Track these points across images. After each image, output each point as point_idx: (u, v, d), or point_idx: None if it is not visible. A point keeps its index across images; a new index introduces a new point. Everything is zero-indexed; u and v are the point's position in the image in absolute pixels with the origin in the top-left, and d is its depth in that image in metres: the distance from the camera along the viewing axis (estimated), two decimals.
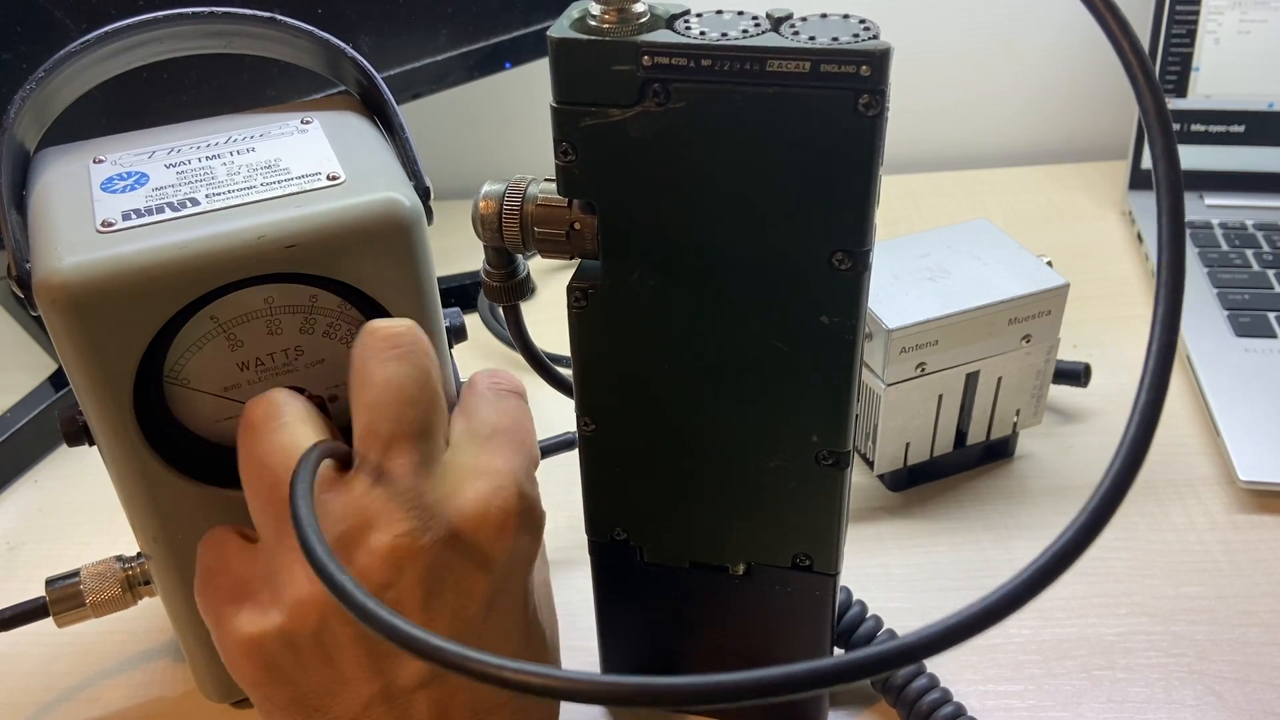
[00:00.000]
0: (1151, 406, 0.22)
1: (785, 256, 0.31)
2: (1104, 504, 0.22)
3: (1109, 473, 0.22)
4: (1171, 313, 0.23)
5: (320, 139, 0.37)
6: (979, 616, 0.22)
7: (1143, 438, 0.22)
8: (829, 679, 0.21)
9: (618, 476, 0.37)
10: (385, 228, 0.34)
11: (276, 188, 0.35)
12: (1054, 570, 0.22)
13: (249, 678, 0.32)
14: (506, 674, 0.22)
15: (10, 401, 0.59)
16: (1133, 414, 0.23)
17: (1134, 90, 0.23)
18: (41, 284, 0.32)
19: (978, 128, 0.85)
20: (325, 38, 0.39)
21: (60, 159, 0.37)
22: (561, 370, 0.41)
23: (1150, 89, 0.23)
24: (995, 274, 0.49)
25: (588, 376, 0.35)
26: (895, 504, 0.53)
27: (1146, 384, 0.23)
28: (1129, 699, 0.43)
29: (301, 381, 0.37)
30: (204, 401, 0.36)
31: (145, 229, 0.33)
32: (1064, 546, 0.22)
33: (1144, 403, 0.22)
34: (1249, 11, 0.70)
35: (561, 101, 0.30)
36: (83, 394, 0.34)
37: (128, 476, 0.36)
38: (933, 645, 0.21)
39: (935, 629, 0.22)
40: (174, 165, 0.36)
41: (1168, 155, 0.23)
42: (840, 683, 0.21)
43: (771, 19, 0.29)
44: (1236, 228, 0.69)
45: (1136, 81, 0.23)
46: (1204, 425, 0.56)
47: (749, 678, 0.21)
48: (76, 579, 0.41)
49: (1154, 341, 0.23)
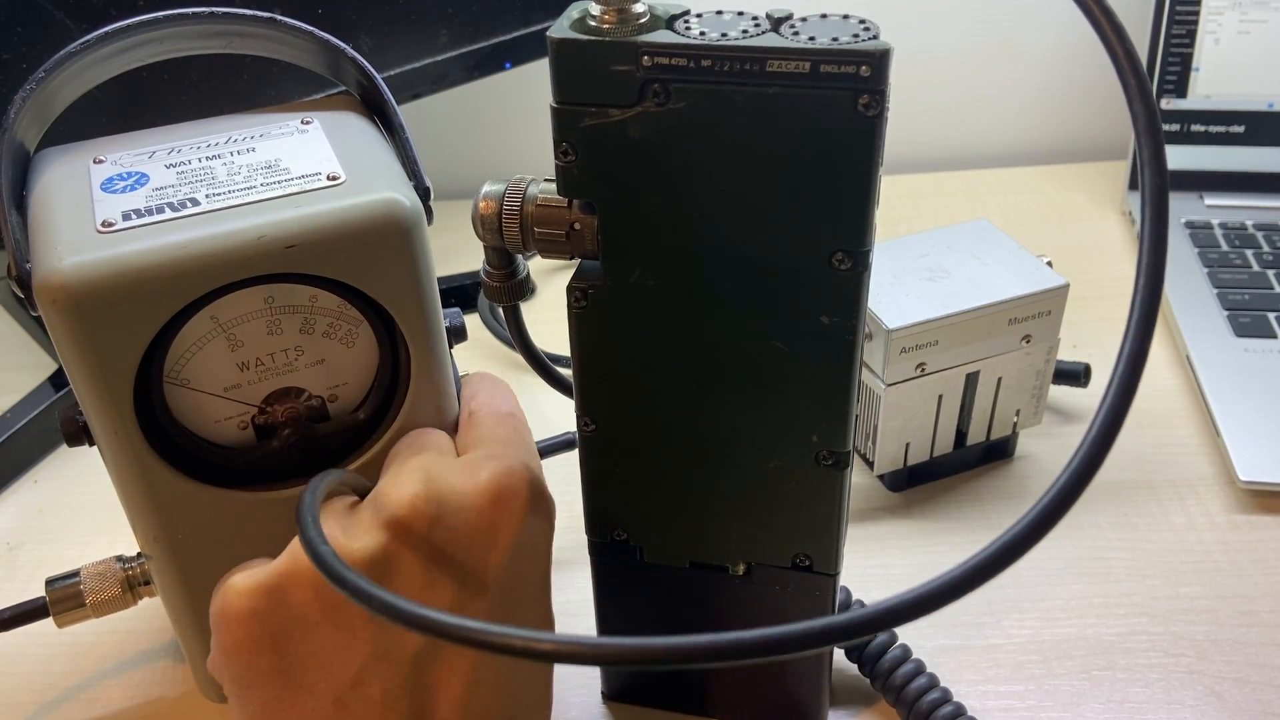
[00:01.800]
0: (1134, 359, 0.23)
1: (785, 256, 0.31)
2: (1079, 473, 0.23)
3: (1084, 443, 0.23)
4: (1150, 298, 0.23)
5: (320, 139, 0.37)
6: (955, 583, 0.22)
7: (1123, 397, 0.23)
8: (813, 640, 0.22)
9: (617, 476, 0.37)
10: (386, 228, 0.34)
11: (277, 188, 0.35)
12: (1027, 541, 0.22)
13: (238, 640, 0.32)
14: (493, 638, 0.23)
15: (10, 401, 0.59)
16: (1112, 378, 0.23)
17: (1125, 94, 0.23)
18: (42, 284, 0.32)
19: (978, 128, 0.85)
20: (325, 38, 0.39)
21: (60, 159, 0.37)
22: (561, 370, 0.41)
23: (1142, 94, 0.23)
24: (995, 274, 0.49)
25: (588, 376, 0.35)
26: (895, 504, 0.53)
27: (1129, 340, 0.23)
28: (1129, 699, 0.43)
29: (301, 382, 0.37)
30: (204, 402, 0.36)
31: (146, 229, 0.33)
32: (1041, 512, 0.23)
33: (1128, 353, 0.23)
34: (1249, 12, 0.70)
35: (561, 102, 0.30)
36: (83, 394, 0.34)
37: (128, 476, 0.36)
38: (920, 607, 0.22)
39: (917, 592, 0.22)
40: (174, 165, 0.36)
41: (1155, 161, 0.23)
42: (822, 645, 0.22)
43: (771, 19, 0.29)
44: (1236, 228, 0.69)
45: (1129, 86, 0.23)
46: (1204, 425, 0.56)
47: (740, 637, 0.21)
48: (76, 579, 0.41)
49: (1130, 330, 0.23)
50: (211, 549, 0.38)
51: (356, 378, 0.38)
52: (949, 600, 0.22)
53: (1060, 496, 0.23)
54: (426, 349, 0.37)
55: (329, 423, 0.38)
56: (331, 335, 0.37)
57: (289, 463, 0.38)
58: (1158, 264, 0.23)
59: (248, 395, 0.36)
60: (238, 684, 0.32)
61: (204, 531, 0.37)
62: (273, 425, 0.37)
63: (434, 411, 0.39)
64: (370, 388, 0.38)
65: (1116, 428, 0.23)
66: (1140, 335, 0.23)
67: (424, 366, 0.38)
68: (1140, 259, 0.23)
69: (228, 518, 0.37)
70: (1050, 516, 0.23)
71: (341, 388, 0.38)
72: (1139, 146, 0.24)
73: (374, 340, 0.37)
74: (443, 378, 0.39)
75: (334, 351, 0.37)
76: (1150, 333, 0.23)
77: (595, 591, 0.41)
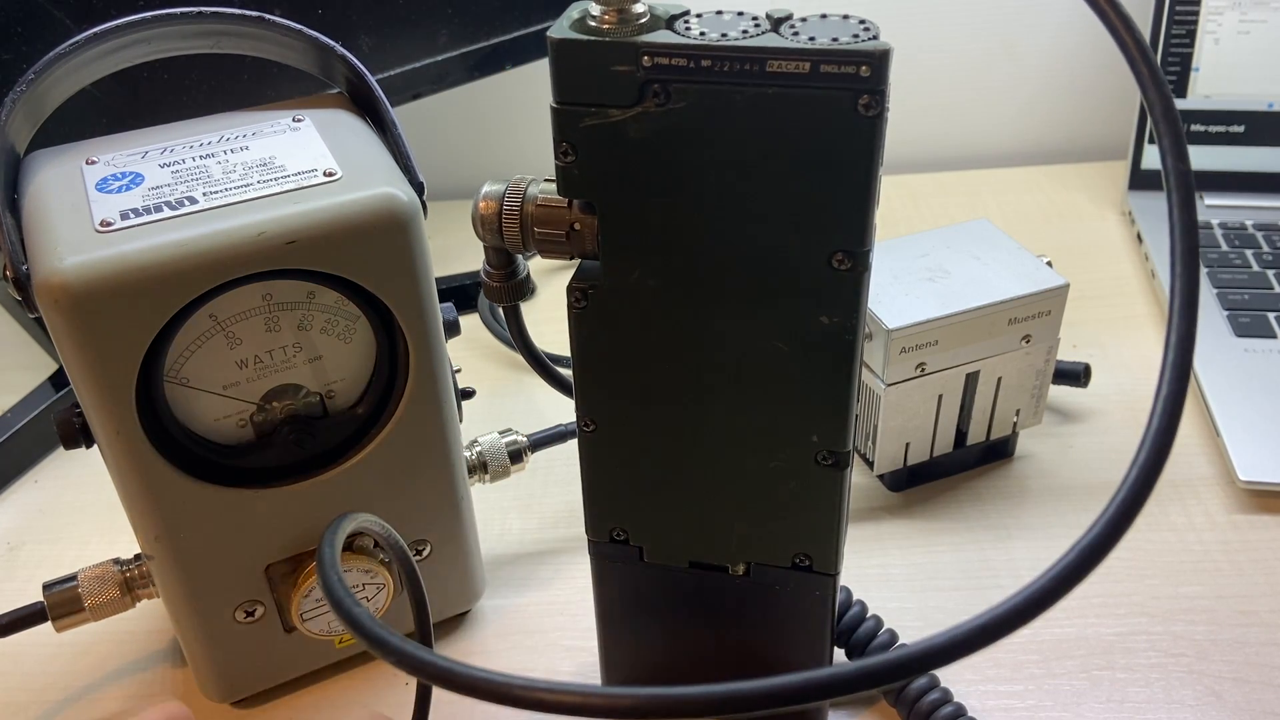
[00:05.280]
0: (1174, 398, 0.23)
1: (785, 256, 0.31)
2: (1134, 493, 0.22)
3: (1134, 464, 0.22)
4: (1189, 303, 0.23)
5: (313, 136, 0.37)
6: (1011, 614, 0.21)
7: (1166, 431, 0.22)
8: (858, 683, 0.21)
9: (618, 476, 0.37)
10: (384, 222, 0.34)
11: (274, 184, 0.35)
12: (1081, 570, 0.22)
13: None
14: (515, 690, 0.22)
15: (10, 401, 0.59)
16: (1152, 415, 0.23)
17: (1139, 85, 0.23)
18: (43, 284, 0.32)
19: (978, 128, 0.85)
20: (314, 36, 0.39)
21: (52, 161, 0.37)
22: (561, 370, 0.41)
23: (1155, 82, 0.23)
24: (995, 274, 0.49)
25: (588, 376, 0.35)
26: (895, 504, 0.53)
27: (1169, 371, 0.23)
28: (1129, 699, 0.43)
29: (299, 378, 0.37)
30: (204, 400, 0.36)
31: (145, 228, 0.33)
32: (1093, 541, 0.22)
33: (1165, 393, 0.23)
34: (1249, 12, 0.70)
35: (561, 102, 0.30)
36: (85, 394, 0.34)
37: (130, 476, 0.36)
38: (953, 651, 0.21)
39: (952, 634, 0.21)
40: (168, 165, 0.36)
41: (1175, 148, 0.23)
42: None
43: (771, 19, 0.29)
44: (1236, 228, 0.69)
45: (1141, 76, 0.23)
46: (1204, 425, 0.56)
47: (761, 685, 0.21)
48: (74, 583, 0.41)
49: (1171, 333, 0.23)
50: (213, 548, 0.38)
51: (354, 373, 0.38)
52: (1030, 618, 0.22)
53: (1138, 484, 0.22)
54: (425, 342, 0.38)
55: (327, 419, 0.38)
56: (329, 331, 0.37)
57: (288, 460, 0.38)
58: (1191, 247, 0.23)
59: (246, 393, 0.36)
60: None
61: (206, 530, 0.38)
62: (271, 423, 0.37)
63: (432, 403, 0.39)
64: (368, 383, 0.38)
65: (1177, 416, 0.22)
66: (1185, 319, 0.23)
67: (422, 359, 0.38)
68: (1172, 244, 0.23)
69: (229, 516, 0.38)
70: (1129, 511, 0.22)
71: (339, 383, 0.38)
72: (1158, 134, 0.23)
73: (371, 335, 0.38)
74: (441, 370, 0.39)
75: (331, 347, 0.37)
76: (1194, 317, 0.23)
77: (595, 591, 0.41)
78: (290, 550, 0.40)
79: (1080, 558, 0.22)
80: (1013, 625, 0.21)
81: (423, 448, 0.40)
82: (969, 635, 0.21)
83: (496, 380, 0.62)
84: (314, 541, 0.40)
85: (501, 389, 0.62)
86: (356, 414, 0.39)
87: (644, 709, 0.21)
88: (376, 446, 0.39)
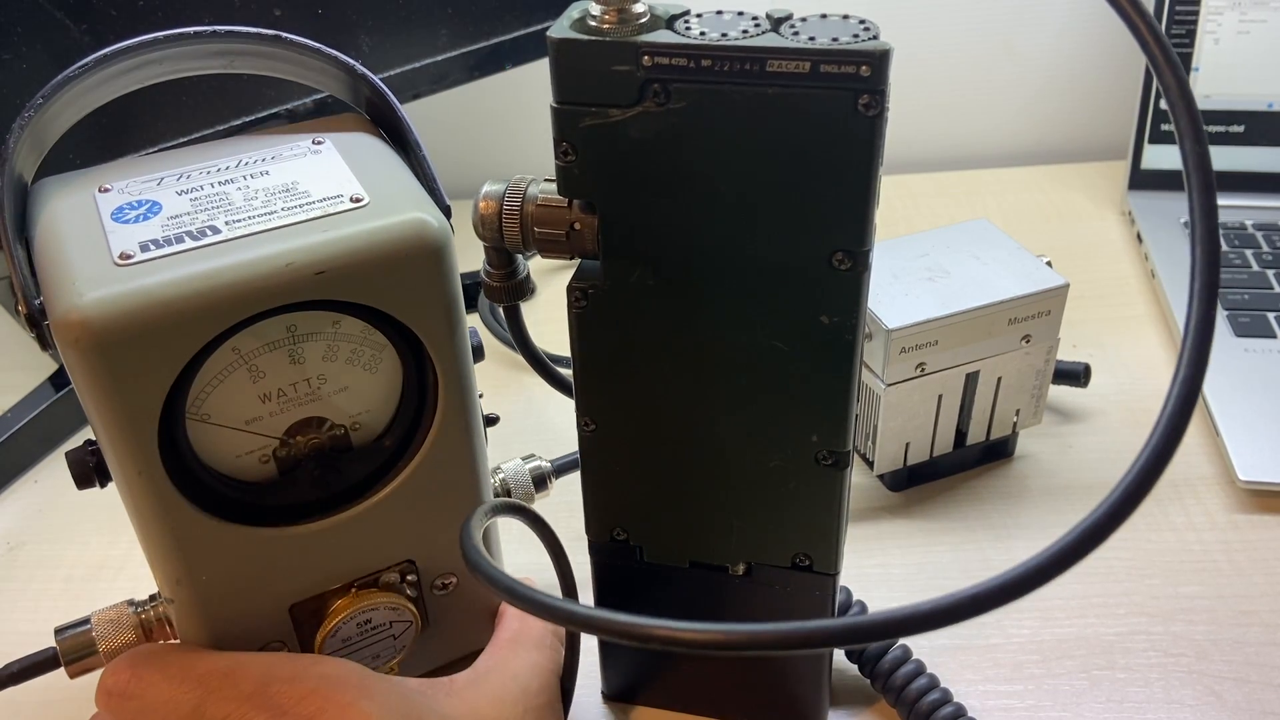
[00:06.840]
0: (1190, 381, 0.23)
1: (785, 256, 0.31)
2: (1139, 479, 0.22)
3: (1143, 453, 0.22)
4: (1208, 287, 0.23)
5: (335, 159, 0.36)
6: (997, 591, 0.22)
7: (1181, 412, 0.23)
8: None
9: (618, 476, 0.37)
10: (416, 249, 0.33)
11: (300, 212, 0.33)
12: (1076, 554, 0.22)
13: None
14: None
15: (10, 401, 0.59)
16: (1166, 401, 0.23)
17: (1153, 69, 0.23)
18: (61, 321, 0.30)
19: (978, 128, 0.85)
20: (334, 55, 0.37)
21: (62, 189, 0.35)
22: (561, 370, 0.41)
23: (1170, 65, 0.23)
24: (995, 274, 0.49)
25: (588, 376, 0.35)
26: (895, 504, 0.53)
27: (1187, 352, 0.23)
28: (1128, 699, 0.43)
29: (324, 411, 0.36)
30: (225, 436, 0.34)
31: (167, 260, 0.31)
32: (1095, 521, 0.22)
33: (1183, 376, 0.23)
34: (1248, 11, 0.70)
35: (561, 102, 0.30)
36: (104, 434, 0.32)
37: (151, 518, 0.34)
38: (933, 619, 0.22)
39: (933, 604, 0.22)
40: (186, 192, 0.34)
41: (1194, 132, 0.23)
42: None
43: (771, 19, 0.29)
44: (1236, 228, 0.69)
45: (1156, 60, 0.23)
46: (1204, 425, 0.56)
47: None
48: (87, 626, 0.39)
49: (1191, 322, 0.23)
50: (236, 589, 0.37)
51: (380, 404, 0.37)
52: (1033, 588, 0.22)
53: (1146, 469, 0.22)
54: (455, 370, 0.36)
55: (353, 452, 0.37)
56: (354, 362, 0.35)
57: (313, 496, 0.37)
58: (1211, 234, 0.23)
59: (269, 428, 0.35)
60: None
61: (229, 571, 0.36)
62: (295, 458, 0.36)
63: (462, 432, 0.38)
64: (395, 414, 0.37)
65: (1190, 407, 0.23)
66: (1205, 302, 0.23)
67: (452, 388, 0.36)
68: (1193, 230, 0.23)
69: (253, 556, 0.36)
70: (1137, 493, 0.22)
71: (365, 415, 0.36)
72: (1174, 117, 0.23)
73: (398, 364, 0.36)
74: (470, 399, 0.37)
75: (357, 378, 0.36)
76: (1214, 300, 0.24)
77: (595, 591, 0.41)
78: (316, 589, 0.38)
79: (1098, 522, 0.22)
80: (1006, 597, 0.22)
81: (451, 479, 0.39)
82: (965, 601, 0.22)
83: (496, 380, 0.62)
84: (339, 579, 0.38)
85: (501, 389, 0.62)
86: (383, 446, 0.37)
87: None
88: (404, 479, 0.37)
